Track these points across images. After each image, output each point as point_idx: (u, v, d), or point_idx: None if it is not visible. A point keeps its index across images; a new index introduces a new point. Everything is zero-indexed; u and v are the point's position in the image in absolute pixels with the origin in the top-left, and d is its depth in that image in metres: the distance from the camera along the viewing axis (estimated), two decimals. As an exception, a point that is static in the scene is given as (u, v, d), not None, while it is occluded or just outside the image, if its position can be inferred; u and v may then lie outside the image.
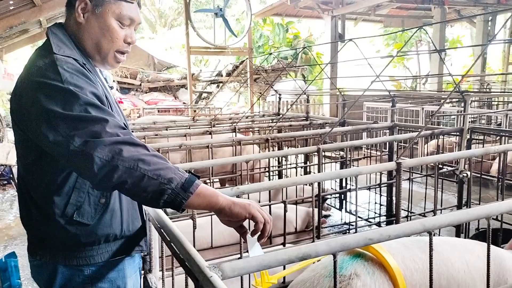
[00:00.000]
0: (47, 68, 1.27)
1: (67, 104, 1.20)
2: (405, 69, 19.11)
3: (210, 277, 0.99)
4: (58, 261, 1.37)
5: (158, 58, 16.34)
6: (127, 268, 1.47)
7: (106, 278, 1.41)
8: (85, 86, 1.26)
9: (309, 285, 1.47)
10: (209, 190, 1.24)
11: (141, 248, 1.52)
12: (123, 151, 1.16)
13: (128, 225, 1.45)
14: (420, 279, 1.55)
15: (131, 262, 1.50)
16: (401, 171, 2.09)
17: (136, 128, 4.60)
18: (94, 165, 1.14)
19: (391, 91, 4.17)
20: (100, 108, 1.24)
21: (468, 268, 1.68)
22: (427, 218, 1.28)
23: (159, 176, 1.16)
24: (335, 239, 1.16)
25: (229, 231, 3.18)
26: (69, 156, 1.19)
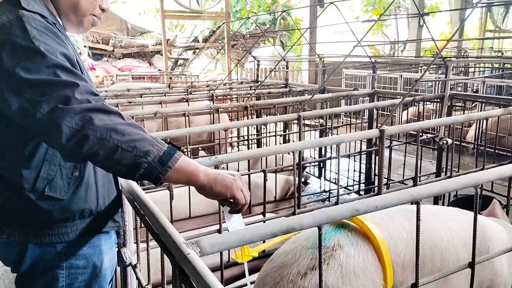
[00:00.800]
0: (11, 24, 1.12)
1: (34, 66, 1.07)
2: (383, 36, 19.05)
3: (187, 254, 0.91)
4: (28, 239, 1.27)
5: (132, 23, 15.73)
6: (103, 244, 1.38)
7: (80, 255, 1.32)
8: (54, 45, 1.13)
9: (291, 257, 1.42)
10: (190, 165, 1.14)
11: (117, 224, 1.43)
12: (94, 119, 1.04)
13: (104, 199, 1.36)
14: (404, 248, 1.52)
15: (107, 238, 1.41)
16: (384, 139, 2.04)
17: (109, 95, 4.42)
18: (62, 134, 1.03)
19: (371, 57, 4.09)
20: (71, 71, 1.11)
21: (451, 236, 1.66)
22: (415, 187, 1.23)
23: (134, 148, 1.06)
24: (319, 210, 1.10)
25: (207, 201, 3.12)
26: (36, 125, 1.08)
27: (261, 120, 2.84)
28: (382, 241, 1.44)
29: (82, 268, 1.33)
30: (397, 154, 5.38)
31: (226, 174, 1.20)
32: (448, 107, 3.28)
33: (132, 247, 1.60)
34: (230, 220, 1.20)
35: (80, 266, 1.32)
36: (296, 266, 1.38)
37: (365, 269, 1.39)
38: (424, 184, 2.88)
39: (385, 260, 1.42)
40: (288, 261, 1.41)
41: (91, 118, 1.04)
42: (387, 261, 1.42)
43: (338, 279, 1.33)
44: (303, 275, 1.35)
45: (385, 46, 17.58)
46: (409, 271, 1.53)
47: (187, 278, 0.92)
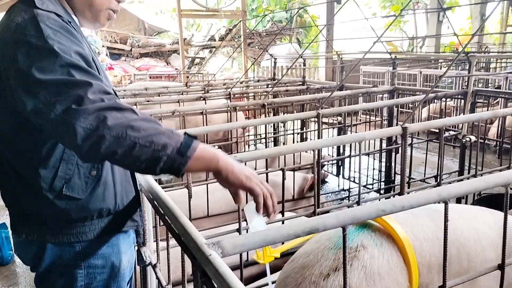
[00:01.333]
0: (26, 24, 1.11)
1: (47, 66, 1.06)
2: (401, 32, 18.77)
3: (209, 256, 0.89)
4: (47, 239, 1.26)
5: (149, 22, 15.86)
6: (121, 244, 1.37)
7: (99, 254, 1.31)
8: (69, 44, 1.11)
9: (313, 258, 1.38)
10: (208, 152, 1.11)
11: (136, 224, 1.42)
12: (108, 118, 1.02)
13: (122, 199, 1.34)
14: (429, 249, 1.47)
15: (125, 237, 1.40)
16: (407, 136, 1.98)
17: (127, 94, 4.44)
18: (77, 135, 1.01)
19: (391, 54, 4.01)
20: (85, 70, 1.09)
21: (478, 236, 1.60)
22: (443, 186, 1.19)
23: (152, 143, 1.04)
24: (344, 211, 1.06)
25: (226, 200, 3.12)
26: (51, 126, 1.06)
27: (279, 118, 2.81)
28: (407, 242, 1.39)
29: (100, 268, 1.32)
30: (417, 152, 5.29)
31: (246, 167, 1.17)
32: (471, 104, 3.19)
33: (151, 246, 1.59)
34: (251, 220, 1.17)
35: (98, 265, 1.32)
36: (318, 267, 1.34)
37: (390, 270, 1.35)
38: (448, 183, 2.82)
39: (411, 261, 1.38)
40: (310, 261, 1.38)
41: (105, 117, 1.02)
42: (413, 263, 1.38)
43: (362, 281, 1.30)
44: (326, 276, 1.31)
45: (403, 42, 17.33)
46: (435, 272, 1.48)
47: (209, 280, 0.90)
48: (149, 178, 1.43)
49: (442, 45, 12.14)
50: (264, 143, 4.59)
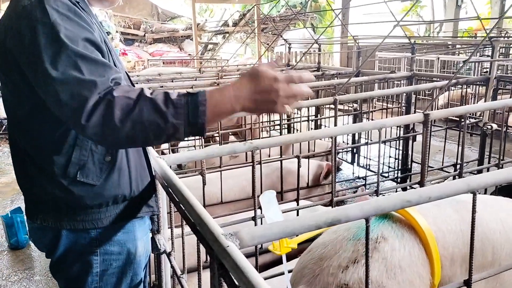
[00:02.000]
0: (32, 7, 1.07)
1: (53, 56, 1.03)
2: (418, 17, 18.37)
3: (226, 247, 0.85)
4: (62, 225, 1.24)
5: (162, 7, 15.78)
6: (137, 230, 1.35)
7: (115, 240, 1.29)
8: (77, 30, 1.07)
9: (331, 249, 1.33)
10: (220, 105, 1.06)
11: (152, 209, 1.40)
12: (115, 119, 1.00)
13: (138, 184, 1.32)
14: (453, 241, 1.41)
15: (141, 224, 1.37)
16: (429, 124, 1.91)
17: (141, 79, 4.41)
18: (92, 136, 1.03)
19: (409, 38, 3.89)
20: (92, 60, 1.05)
21: (503, 228, 1.54)
22: (472, 176, 1.13)
23: (163, 131, 1.03)
24: (368, 201, 1.01)
25: (239, 187, 3.09)
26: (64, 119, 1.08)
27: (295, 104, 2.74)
28: (430, 234, 1.33)
29: (116, 254, 1.30)
30: (433, 140, 5.18)
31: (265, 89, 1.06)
32: (493, 90, 3.08)
33: (166, 234, 1.56)
34: (267, 211, 1.12)
35: (114, 252, 1.30)
36: (337, 259, 1.30)
37: (411, 263, 1.29)
38: (469, 172, 2.73)
39: (433, 253, 1.32)
40: (328, 252, 1.33)
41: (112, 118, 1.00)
42: (435, 255, 1.32)
43: (382, 273, 1.25)
44: (345, 268, 1.27)
45: (420, 28, 16.96)
46: (457, 265, 1.42)
47: (227, 272, 0.86)
48: (163, 164, 1.40)
49: (460, 31, 11.84)
50: (277, 130, 4.53)
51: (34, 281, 3.07)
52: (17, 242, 3.45)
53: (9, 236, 3.46)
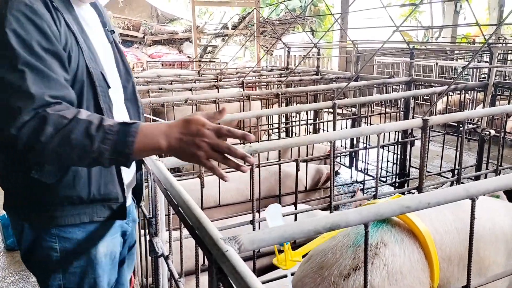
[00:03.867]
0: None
1: (1, 61, 1.05)
2: (417, 22, 18.45)
3: (225, 252, 0.85)
4: (24, 219, 1.27)
5: (162, 9, 15.81)
6: (99, 231, 1.33)
7: (74, 239, 1.28)
8: (34, 38, 1.07)
9: (331, 256, 1.33)
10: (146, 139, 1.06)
11: (116, 214, 1.34)
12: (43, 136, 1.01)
13: (99, 188, 1.28)
14: (450, 241, 1.41)
15: (105, 225, 1.35)
16: (427, 129, 1.91)
17: (140, 81, 4.41)
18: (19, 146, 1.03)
19: (408, 43, 3.90)
20: (40, 71, 1.06)
21: (493, 226, 1.54)
22: (471, 183, 1.13)
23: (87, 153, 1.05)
24: (366, 207, 1.01)
25: (237, 189, 3.08)
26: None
27: (294, 108, 2.76)
28: (429, 237, 1.33)
29: (76, 254, 1.29)
30: (431, 145, 5.19)
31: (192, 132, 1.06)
32: (492, 96, 3.09)
33: (164, 237, 1.55)
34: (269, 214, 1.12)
35: (73, 251, 1.29)
36: (338, 267, 1.29)
37: (412, 268, 1.29)
38: (467, 178, 2.73)
39: (433, 258, 1.32)
40: (328, 260, 1.33)
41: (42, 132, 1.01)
42: (435, 260, 1.33)
43: (384, 280, 1.25)
44: (346, 276, 1.26)
45: (418, 33, 17.03)
46: (455, 264, 1.43)
47: (226, 277, 0.86)
48: (162, 167, 1.39)
49: (458, 36, 11.88)
50: (275, 133, 4.54)
51: (31, 282, 3.06)
52: (13, 243, 3.43)
53: (5, 237, 3.45)
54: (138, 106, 1.50)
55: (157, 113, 3.69)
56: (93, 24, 1.35)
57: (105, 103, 1.25)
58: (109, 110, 1.27)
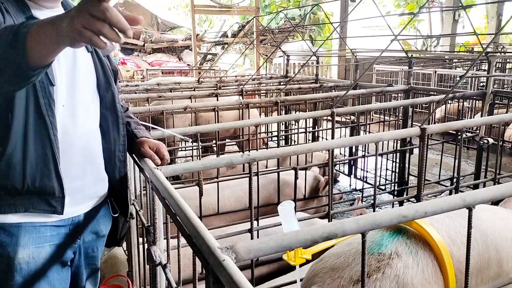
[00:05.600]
0: None
1: None
2: (416, 30, 18.55)
3: (222, 261, 0.85)
4: None
5: (162, 18, 15.90)
6: (22, 236, 1.30)
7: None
8: None
9: (343, 260, 1.34)
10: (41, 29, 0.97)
11: (53, 209, 1.32)
12: None
13: (34, 180, 1.28)
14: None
15: (32, 231, 1.32)
16: (425, 138, 1.92)
17: (140, 89, 4.42)
18: None
19: (407, 53, 3.93)
20: None
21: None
22: (468, 192, 1.13)
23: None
24: (364, 216, 1.02)
25: (236, 197, 3.08)
26: None
27: (293, 116, 2.76)
28: (445, 250, 1.32)
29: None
30: (430, 153, 5.19)
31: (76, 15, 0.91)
32: (490, 105, 3.10)
33: (162, 246, 1.55)
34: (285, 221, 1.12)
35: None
36: (349, 271, 1.30)
37: (424, 280, 1.29)
38: (466, 186, 2.73)
39: (448, 271, 1.31)
40: (340, 264, 1.34)
41: None
42: (450, 273, 1.31)
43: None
44: (356, 282, 1.27)
45: (417, 41, 17.12)
46: (473, 277, 1.41)
47: (222, 287, 0.86)
48: (160, 175, 1.40)
49: (457, 45, 11.94)
50: (274, 141, 4.54)
51: None
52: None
53: None
54: (117, 115, 1.50)
55: (156, 120, 3.69)
56: None
57: (44, 99, 1.25)
58: (48, 106, 1.26)
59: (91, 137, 1.43)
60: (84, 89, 1.41)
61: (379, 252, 1.33)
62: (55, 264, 1.39)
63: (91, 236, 1.52)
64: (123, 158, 1.56)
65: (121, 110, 1.54)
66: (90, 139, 1.43)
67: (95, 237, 1.54)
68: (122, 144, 1.54)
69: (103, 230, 1.59)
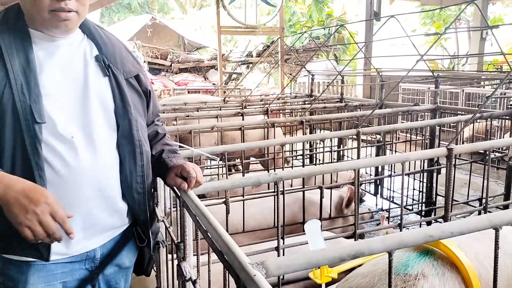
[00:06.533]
0: None
1: None
2: (442, 49, 18.36)
3: (253, 276, 0.89)
4: None
5: (188, 38, 16.29)
6: (31, 274, 1.29)
7: (10, 276, 1.29)
8: None
9: (369, 280, 1.35)
10: None
11: (38, 254, 1.26)
12: None
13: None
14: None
15: (41, 269, 1.30)
16: (452, 158, 1.92)
17: (167, 109, 4.54)
18: None
19: (434, 72, 3.93)
20: None
21: None
22: (495, 213, 1.14)
23: None
24: (390, 235, 1.04)
25: (261, 215, 3.11)
26: None
27: (318, 136, 2.80)
28: (473, 272, 1.33)
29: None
30: (458, 173, 5.11)
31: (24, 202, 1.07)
32: (519, 125, 3.06)
33: (192, 261, 1.60)
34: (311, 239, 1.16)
35: (9, 286, 1.30)
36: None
37: None
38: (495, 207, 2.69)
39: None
40: (365, 284, 1.36)
41: None
42: None
43: (419, 311, 1.25)
44: None
45: (444, 60, 16.93)
46: None
47: (253, 301, 0.89)
48: (191, 193, 1.45)
49: (486, 63, 11.77)
50: (299, 159, 4.56)
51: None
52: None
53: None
54: (134, 144, 1.41)
55: (184, 139, 3.79)
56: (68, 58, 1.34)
57: (29, 137, 1.20)
58: (33, 146, 1.21)
59: (103, 170, 1.34)
60: (98, 117, 1.34)
61: (405, 273, 1.34)
62: None
63: (113, 269, 1.48)
64: (142, 190, 1.45)
65: (139, 139, 1.42)
66: (102, 172, 1.34)
67: (117, 269, 1.50)
68: (140, 175, 1.43)
69: (126, 262, 1.53)
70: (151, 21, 15.36)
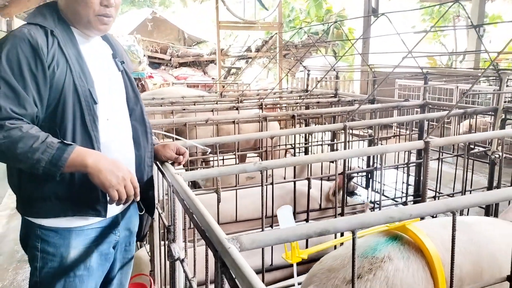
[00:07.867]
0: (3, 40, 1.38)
1: None
2: (441, 45, 18.43)
3: (228, 248, 1.01)
4: (20, 212, 1.50)
5: (188, 32, 16.36)
6: (73, 239, 1.49)
7: (51, 242, 1.47)
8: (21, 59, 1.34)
9: (340, 262, 1.47)
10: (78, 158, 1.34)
11: (97, 213, 1.51)
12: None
13: (81, 188, 1.46)
14: (461, 261, 1.49)
15: (80, 234, 1.51)
16: (429, 151, 2.04)
17: (165, 102, 4.66)
18: None
19: (424, 68, 4.04)
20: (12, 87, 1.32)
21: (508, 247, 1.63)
22: (452, 198, 1.26)
23: (28, 158, 1.31)
24: (354, 215, 1.16)
25: (253, 205, 3.23)
26: None
27: (307, 129, 2.91)
28: (436, 256, 1.43)
29: (51, 255, 1.47)
30: (450, 167, 5.23)
31: (114, 170, 1.38)
32: (502, 120, 3.18)
33: (181, 244, 1.72)
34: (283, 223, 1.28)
35: (49, 252, 1.47)
36: (343, 272, 1.43)
37: (414, 284, 1.39)
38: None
39: (438, 276, 1.41)
40: (336, 265, 1.47)
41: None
42: (441, 279, 1.41)
43: (383, 291, 1.37)
44: (348, 281, 1.39)
45: (442, 56, 17.00)
46: (465, 284, 1.50)
47: (227, 270, 1.02)
48: (180, 180, 1.57)
49: (482, 60, 11.86)
50: (295, 153, 4.68)
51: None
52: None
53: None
54: (145, 126, 1.71)
55: (180, 132, 3.90)
56: (99, 54, 1.60)
57: (89, 116, 1.45)
58: (93, 122, 1.46)
59: (126, 147, 1.64)
60: (119, 104, 1.63)
61: (373, 255, 1.45)
62: (99, 260, 1.58)
63: (125, 233, 1.71)
64: (151, 163, 1.75)
65: (148, 121, 1.74)
66: (126, 148, 1.63)
67: (128, 233, 1.74)
68: (150, 151, 1.73)
69: (135, 227, 1.79)
70: (152, 15, 15.44)
